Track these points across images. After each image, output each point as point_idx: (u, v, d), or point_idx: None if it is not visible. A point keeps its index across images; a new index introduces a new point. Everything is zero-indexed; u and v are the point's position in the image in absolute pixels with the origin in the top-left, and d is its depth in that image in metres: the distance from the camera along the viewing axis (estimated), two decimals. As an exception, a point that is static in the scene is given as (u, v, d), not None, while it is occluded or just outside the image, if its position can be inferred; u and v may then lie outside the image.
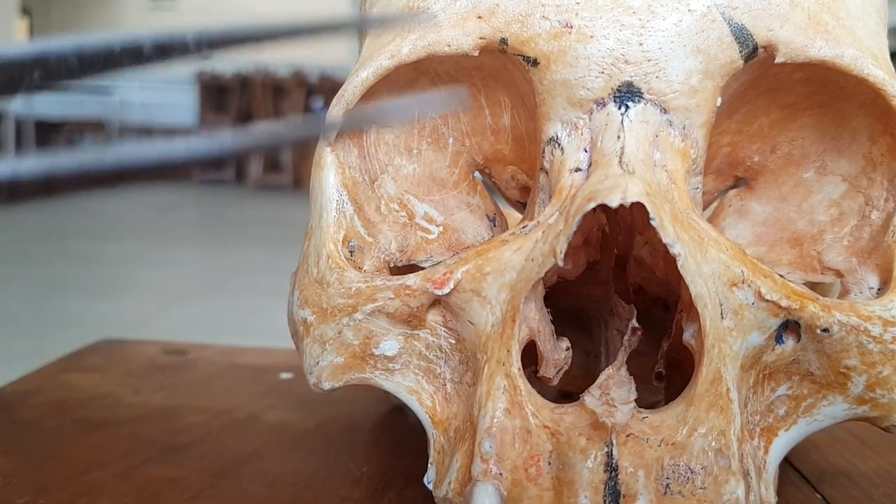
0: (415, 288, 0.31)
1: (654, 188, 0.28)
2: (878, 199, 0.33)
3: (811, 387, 0.31)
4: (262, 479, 0.41)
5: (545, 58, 0.30)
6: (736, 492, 0.28)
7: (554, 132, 0.31)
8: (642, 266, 0.33)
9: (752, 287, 0.29)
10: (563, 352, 0.31)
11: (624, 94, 0.30)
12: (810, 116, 0.34)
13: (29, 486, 0.38)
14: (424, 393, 0.32)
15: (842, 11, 0.31)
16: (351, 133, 0.28)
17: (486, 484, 0.28)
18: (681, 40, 0.30)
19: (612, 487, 0.27)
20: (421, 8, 0.32)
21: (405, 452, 0.33)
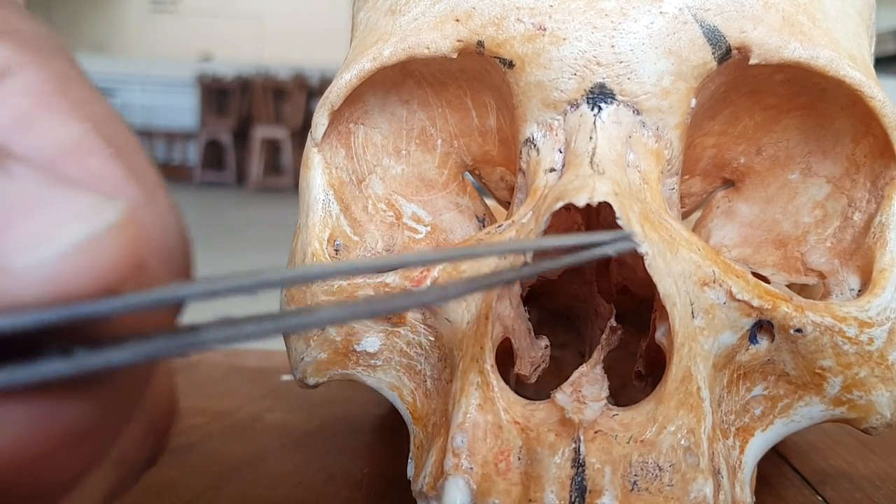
0: (394, 286, 0.31)
1: (624, 188, 0.29)
2: (860, 200, 0.33)
3: (787, 387, 0.31)
4: (263, 480, 0.41)
5: (520, 60, 0.31)
6: (704, 490, 0.28)
7: (530, 133, 0.32)
8: (624, 266, 0.33)
9: (724, 287, 0.29)
10: (541, 350, 0.31)
11: (596, 95, 0.30)
12: (794, 118, 0.34)
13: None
14: (405, 389, 0.33)
15: (818, 13, 0.32)
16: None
17: (457, 478, 0.29)
18: (652, 42, 0.30)
19: (579, 483, 0.28)
20: (403, 11, 0.33)
21: (405, 454, 0.33)
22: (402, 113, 0.36)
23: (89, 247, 0.15)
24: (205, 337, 0.16)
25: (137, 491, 0.39)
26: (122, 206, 0.16)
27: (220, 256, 4.01)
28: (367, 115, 0.35)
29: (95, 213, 0.16)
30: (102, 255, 0.15)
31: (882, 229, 0.32)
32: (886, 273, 0.31)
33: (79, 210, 0.16)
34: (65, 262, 0.15)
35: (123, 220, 0.16)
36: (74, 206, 0.16)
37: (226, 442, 0.46)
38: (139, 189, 0.20)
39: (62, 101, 0.20)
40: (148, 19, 9.43)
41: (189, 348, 0.16)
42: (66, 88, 0.20)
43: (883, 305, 0.31)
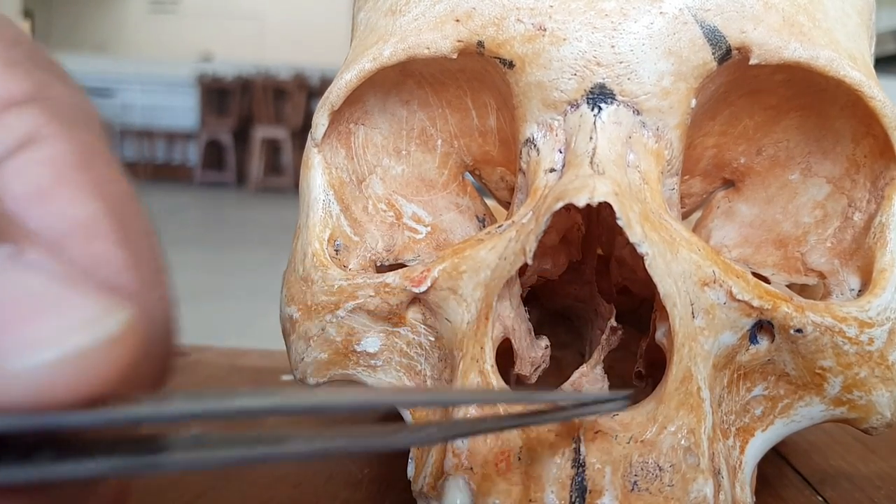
0: (394, 286, 0.31)
1: (624, 188, 0.29)
2: (860, 200, 0.33)
3: (787, 387, 0.31)
4: (263, 480, 0.41)
5: (520, 60, 0.31)
6: (704, 490, 0.28)
7: (530, 133, 0.32)
8: (624, 266, 0.33)
9: (724, 287, 0.29)
10: (541, 350, 0.31)
11: (597, 95, 0.30)
12: (794, 118, 0.34)
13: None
14: (406, 390, 0.33)
15: (818, 13, 0.32)
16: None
17: (457, 478, 0.29)
18: (652, 42, 0.30)
19: (579, 483, 0.28)
20: (403, 11, 0.33)
21: (405, 454, 0.33)
22: (402, 113, 0.36)
23: (87, 357, 0.15)
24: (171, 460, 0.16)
25: (137, 492, 0.39)
26: (127, 316, 0.16)
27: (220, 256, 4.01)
28: (367, 115, 0.35)
29: (100, 321, 0.16)
30: (96, 367, 0.15)
31: (882, 229, 0.32)
32: (886, 273, 0.31)
33: (86, 316, 0.16)
34: (59, 371, 0.15)
35: (125, 331, 0.16)
36: (82, 312, 0.16)
37: (226, 442, 0.46)
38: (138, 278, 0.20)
39: (82, 178, 0.20)
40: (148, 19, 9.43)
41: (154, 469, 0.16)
42: (89, 164, 0.20)
43: (883, 306, 0.31)
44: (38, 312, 0.15)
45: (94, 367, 0.15)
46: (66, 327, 0.15)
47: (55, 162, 0.19)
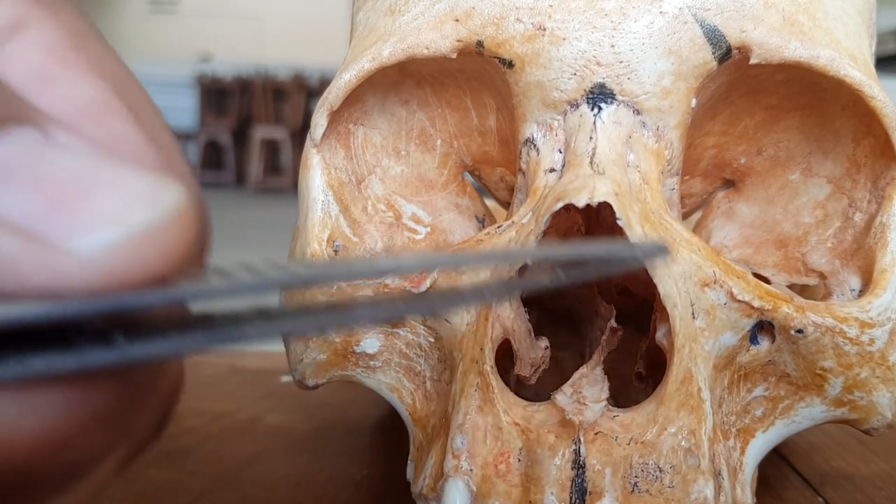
0: (392, 286, 0.31)
1: (624, 188, 0.29)
2: (861, 200, 0.33)
3: (788, 388, 0.31)
4: (263, 482, 0.41)
5: (520, 60, 0.31)
6: (704, 491, 0.28)
7: (530, 133, 0.32)
8: (624, 267, 0.33)
9: (724, 287, 0.29)
10: (541, 351, 0.31)
11: (596, 95, 0.30)
12: (794, 118, 0.34)
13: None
14: (405, 390, 0.33)
15: (819, 13, 0.31)
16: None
17: (457, 479, 0.28)
18: (652, 42, 0.30)
19: (579, 485, 0.28)
20: (402, 11, 0.33)
21: (405, 456, 0.33)
22: (401, 113, 0.36)
23: (151, 234, 0.14)
24: (241, 333, 0.16)
25: (136, 492, 0.39)
26: (181, 191, 0.15)
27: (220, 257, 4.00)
28: (366, 115, 0.35)
29: (158, 197, 0.15)
30: (162, 244, 0.14)
31: (883, 230, 0.32)
32: (887, 274, 0.31)
33: (142, 193, 0.15)
34: (125, 250, 0.14)
35: (183, 207, 0.15)
36: (137, 188, 0.15)
37: (225, 443, 0.46)
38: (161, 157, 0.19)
39: (80, 58, 0.19)
40: (147, 19, 9.42)
41: (227, 342, 0.15)
42: (84, 44, 0.19)
43: (884, 306, 0.31)
44: (94, 191, 0.15)
45: (159, 244, 0.14)
46: (126, 204, 0.14)
47: (49, 45, 0.19)
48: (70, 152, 0.16)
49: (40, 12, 0.19)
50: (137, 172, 0.15)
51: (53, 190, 0.15)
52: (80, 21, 0.20)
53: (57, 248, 0.14)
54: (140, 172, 0.15)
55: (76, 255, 0.14)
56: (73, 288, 0.14)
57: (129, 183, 0.15)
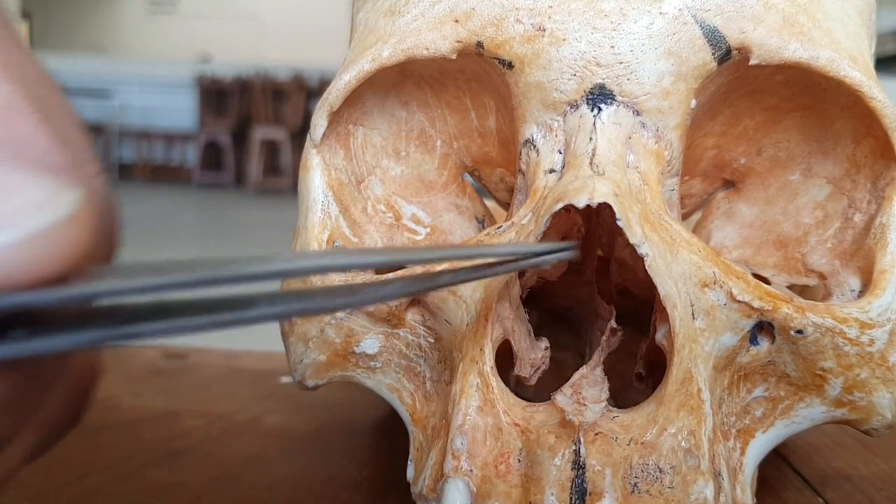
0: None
1: (624, 189, 0.29)
2: (861, 201, 0.33)
3: (788, 389, 0.31)
4: (263, 482, 0.41)
5: (519, 61, 0.31)
6: (704, 492, 0.28)
7: (530, 134, 0.32)
8: (624, 267, 0.33)
9: (724, 288, 0.29)
10: (542, 351, 0.31)
11: (596, 96, 0.30)
12: (794, 119, 0.34)
13: (28, 490, 0.39)
14: (405, 391, 0.33)
15: (819, 13, 0.31)
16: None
17: (457, 480, 0.28)
18: (652, 43, 0.30)
19: (579, 485, 0.28)
20: (402, 12, 0.33)
21: (405, 456, 0.33)
22: (401, 114, 0.36)
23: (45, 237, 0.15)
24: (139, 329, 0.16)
25: (136, 493, 0.39)
26: (79, 195, 0.16)
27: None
28: (366, 116, 0.35)
29: (54, 201, 0.15)
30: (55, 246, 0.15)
31: (883, 230, 0.32)
32: (887, 274, 0.31)
33: (38, 197, 0.15)
34: (18, 252, 0.15)
35: (79, 210, 0.16)
36: (33, 193, 0.15)
37: (225, 444, 0.46)
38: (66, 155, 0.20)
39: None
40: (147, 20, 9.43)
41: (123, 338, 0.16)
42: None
43: (884, 306, 0.30)
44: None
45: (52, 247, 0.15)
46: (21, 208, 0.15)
47: None
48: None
49: None
50: (35, 177, 0.16)
51: None
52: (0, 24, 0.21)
53: None
54: (38, 177, 0.16)
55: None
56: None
57: (26, 187, 0.16)
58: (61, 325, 0.16)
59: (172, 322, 0.16)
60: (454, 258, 0.27)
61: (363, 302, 0.21)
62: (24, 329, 0.15)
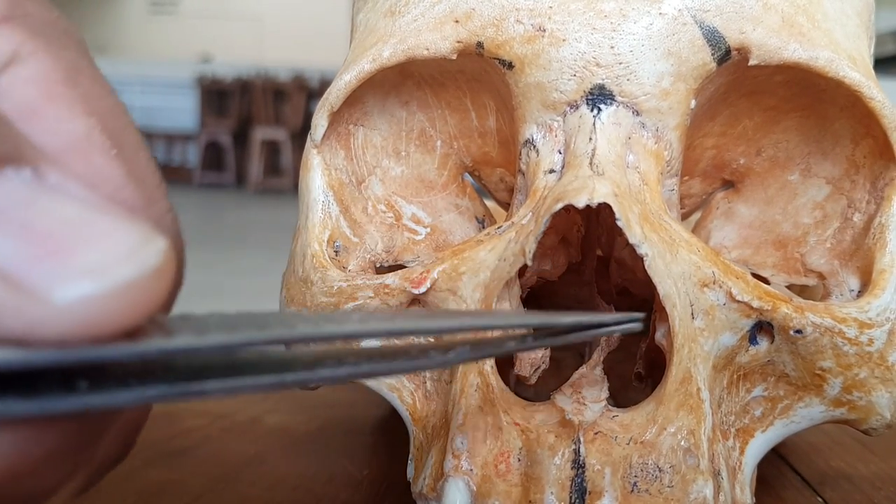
0: (393, 287, 0.31)
1: (624, 189, 0.29)
2: (860, 201, 0.33)
3: (787, 388, 0.31)
4: (263, 482, 0.41)
5: (519, 61, 0.31)
6: (704, 491, 0.28)
7: (529, 134, 0.32)
8: (624, 267, 0.33)
9: (724, 288, 0.29)
10: (541, 351, 0.31)
11: (596, 96, 0.30)
12: (793, 119, 0.34)
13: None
14: (405, 390, 0.33)
15: (818, 14, 0.32)
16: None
17: (457, 479, 0.29)
18: (652, 43, 0.30)
19: (579, 484, 0.28)
20: (402, 12, 0.33)
21: (406, 456, 0.33)
22: (401, 114, 0.36)
23: (131, 289, 0.15)
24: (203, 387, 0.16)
25: (136, 493, 0.39)
26: (164, 247, 0.15)
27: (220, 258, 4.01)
28: (366, 116, 0.35)
29: (141, 252, 0.15)
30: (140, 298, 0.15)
31: (882, 230, 0.32)
32: (886, 274, 0.31)
33: (127, 246, 0.15)
34: (103, 303, 0.14)
35: (164, 263, 0.15)
36: (123, 242, 0.15)
37: (225, 444, 0.46)
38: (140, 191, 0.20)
39: (70, 94, 0.19)
40: (147, 20, 9.43)
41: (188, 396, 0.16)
42: (76, 80, 0.20)
43: (883, 306, 0.31)
44: (79, 242, 0.15)
45: (136, 298, 0.15)
46: (109, 258, 0.15)
47: (42, 79, 0.19)
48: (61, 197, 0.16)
49: (35, 45, 0.19)
50: (125, 224, 0.16)
51: (41, 238, 0.15)
52: (78, 55, 0.21)
53: (37, 297, 0.14)
54: (128, 224, 0.16)
55: (55, 306, 0.14)
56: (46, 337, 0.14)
57: (116, 235, 0.15)
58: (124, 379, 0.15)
59: (238, 381, 0.16)
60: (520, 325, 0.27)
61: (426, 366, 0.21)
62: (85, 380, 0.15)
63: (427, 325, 0.23)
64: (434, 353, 0.20)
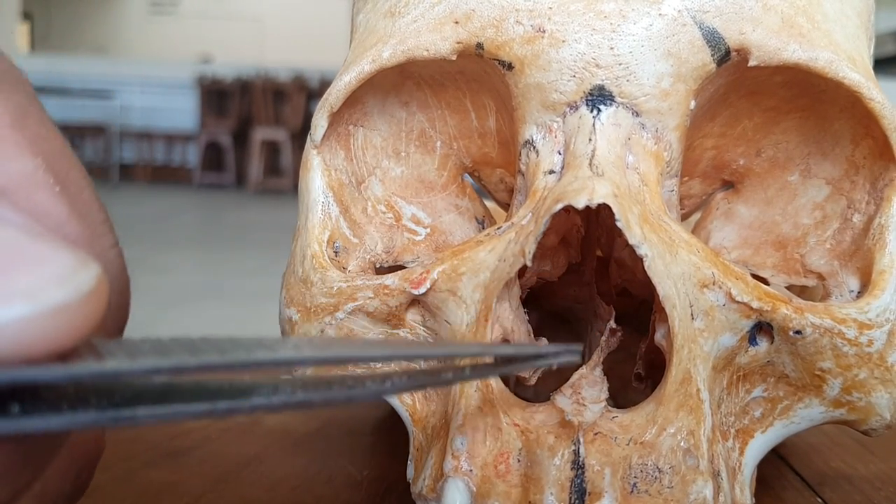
0: (393, 287, 0.31)
1: (623, 190, 0.29)
2: (859, 202, 0.33)
3: (787, 389, 0.31)
4: (263, 483, 0.41)
5: (519, 62, 0.31)
6: (703, 491, 0.28)
7: (529, 135, 0.32)
8: (624, 268, 0.33)
9: (723, 288, 0.29)
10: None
11: (595, 97, 0.30)
12: (793, 120, 0.34)
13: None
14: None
15: (818, 14, 0.32)
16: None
17: (457, 480, 0.29)
18: (651, 44, 0.30)
19: (579, 485, 0.28)
20: (402, 13, 0.33)
21: (405, 456, 0.33)
22: (401, 115, 0.36)
23: (63, 312, 0.15)
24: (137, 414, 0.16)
25: (136, 493, 0.39)
26: (97, 273, 0.16)
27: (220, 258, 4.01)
28: (366, 116, 0.35)
29: (74, 277, 0.16)
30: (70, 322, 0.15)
31: (881, 231, 0.32)
32: (886, 275, 0.31)
33: (60, 271, 0.16)
34: (32, 325, 0.15)
35: (97, 288, 0.16)
36: (57, 266, 0.16)
37: (225, 444, 0.46)
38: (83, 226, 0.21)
39: (17, 136, 0.20)
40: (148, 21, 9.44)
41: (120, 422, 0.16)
42: (23, 123, 0.21)
43: (882, 307, 0.31)
44: (14, 265, 0.15)
45: (67, 321, 0.15)
46: (42, 282, 0.15)
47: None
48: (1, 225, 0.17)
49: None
50: (61, 250, 0.16)
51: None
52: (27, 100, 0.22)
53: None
54: (63, 251, 0.16)
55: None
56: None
57: (51, 260, 0.16)
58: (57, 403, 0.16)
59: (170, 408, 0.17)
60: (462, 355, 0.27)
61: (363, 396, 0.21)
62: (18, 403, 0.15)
63: (360, 353, 0.23)
64: (370, 383, 0.21)
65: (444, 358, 0.28)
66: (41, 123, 0.22)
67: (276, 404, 0.18)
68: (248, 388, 0.18)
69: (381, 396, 0.27)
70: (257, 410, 0.18)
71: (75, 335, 0.15)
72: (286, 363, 0.18)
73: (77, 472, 0.23)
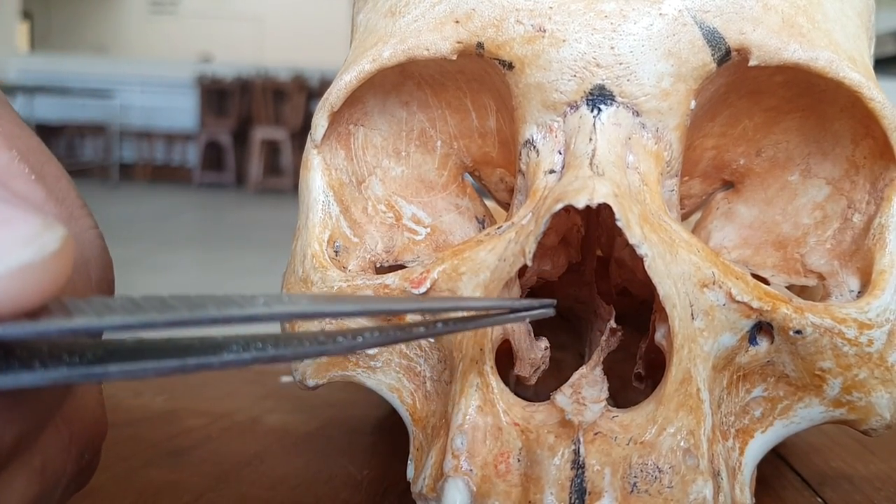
0: (393, 287, 0.31)
1: (624, 190, 0.29)
2: (860, 202, 0.33)
3: (787, 389, 0.31)
4: (263, 482, 0.41)
5: (519, 61, 0.31)
6: (703, 491, 0.28)
7: (529, 135, 0.32)
8: (624, 268, 0.33)
9: (723, 288, 0.29)
10: (541, 351, 0.31)
11: (596, 97, 0.30)
12: (793, 119, 0.34)
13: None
14: (405, 390, 0.33)
15: (818, 14, 0.32)
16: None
17: (457, 479, 0.29)
18: (652, 44, 0.30)
19: (579, 485, 0.28)
20: (403, 13, 0.33)
21: (406, 456, 0.33)
22: (401, 114, 0.36)
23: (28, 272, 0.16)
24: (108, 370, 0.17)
25: (136, 493, 0.39)
26: (63, 234, 0.17)
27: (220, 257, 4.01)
28: (366, 116, 0.35)
29: (40, 238, 0.16)
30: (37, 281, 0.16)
31: (881, 231, 0.32)
32: (886, 274, 0.31)
33: (27, 232, 0.16)
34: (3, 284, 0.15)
35: (62, 248, 0.16)
36: (23, 228, 0.16)
37: (225, 444, 0.46)
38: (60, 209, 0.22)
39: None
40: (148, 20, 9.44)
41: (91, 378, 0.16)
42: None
43: (882, 307, 0.31)
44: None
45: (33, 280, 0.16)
46: (7, 242, 0.16)
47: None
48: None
49: None
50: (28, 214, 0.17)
51: None
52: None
53: None
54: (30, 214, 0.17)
55: None
56: None
57: (18, 222, 0.16)
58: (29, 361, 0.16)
59: (140, 364, 0.17)
60: (432, 310, 0.28)
61: (334, 351, 0.21)
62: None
63: (331, 308, 0.23)
64: (342, 339, 0.21)
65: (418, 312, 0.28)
66: (14, 123, 0.23)
67: (246, 360, 0.18)
68: (219, 345, 0.18)
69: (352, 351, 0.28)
70: (228, 366, 0.18)
71: (43, 294, 0.16)
72: (257, 319, 0.18)
73: (80, 451, 0.23)
